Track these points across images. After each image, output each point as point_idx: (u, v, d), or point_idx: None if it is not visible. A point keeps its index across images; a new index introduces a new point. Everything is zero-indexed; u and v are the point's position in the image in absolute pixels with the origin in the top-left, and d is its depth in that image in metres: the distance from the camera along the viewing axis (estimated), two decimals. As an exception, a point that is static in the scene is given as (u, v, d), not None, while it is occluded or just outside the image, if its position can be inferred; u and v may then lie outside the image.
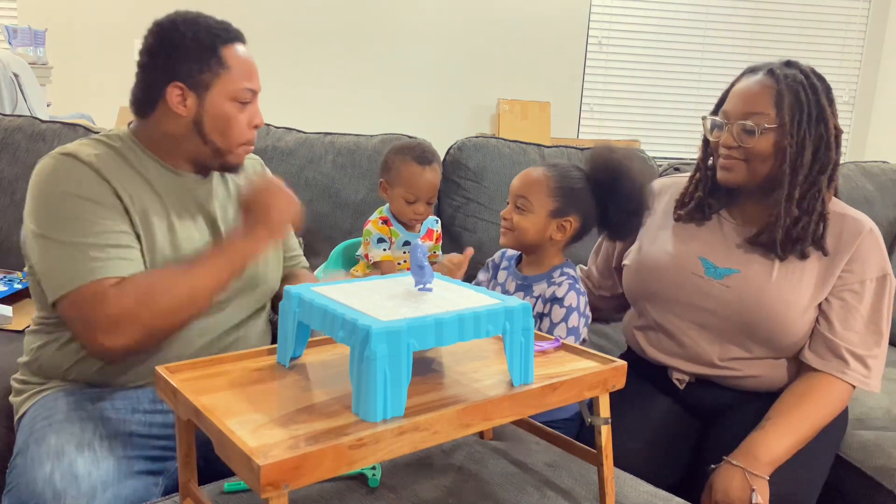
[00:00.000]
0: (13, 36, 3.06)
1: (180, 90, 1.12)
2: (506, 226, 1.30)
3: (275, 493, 0.59)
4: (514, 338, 0.77)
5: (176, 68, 1.11)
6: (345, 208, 1.91)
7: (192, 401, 0.71)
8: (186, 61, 1.11)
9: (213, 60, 1.12)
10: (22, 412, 1.13)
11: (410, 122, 3.19)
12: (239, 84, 1.14)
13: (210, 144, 1.16)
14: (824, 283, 1.21)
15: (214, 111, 1.13)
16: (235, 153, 1.19)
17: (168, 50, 1.12)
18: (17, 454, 1.01)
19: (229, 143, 1.16)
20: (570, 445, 0.95)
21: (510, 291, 1.33)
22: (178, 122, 1.14)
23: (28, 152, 1.82)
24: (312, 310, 0.76)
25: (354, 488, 0.91)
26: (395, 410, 0.68)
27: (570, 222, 1.28)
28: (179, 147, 1.17)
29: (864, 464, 1.31)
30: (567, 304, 1.25)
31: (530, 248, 1.32)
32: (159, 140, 1.17)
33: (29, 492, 0.92)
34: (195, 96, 1.12)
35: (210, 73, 1.12)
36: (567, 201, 1.27)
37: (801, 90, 1.17)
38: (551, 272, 1.30)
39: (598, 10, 4.07)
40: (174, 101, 1.12)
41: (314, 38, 3.85)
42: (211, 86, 1.13)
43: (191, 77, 1.12)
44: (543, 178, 1.28)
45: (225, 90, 1.13)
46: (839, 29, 4.17)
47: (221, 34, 1.14)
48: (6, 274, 1.75)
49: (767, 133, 1.18)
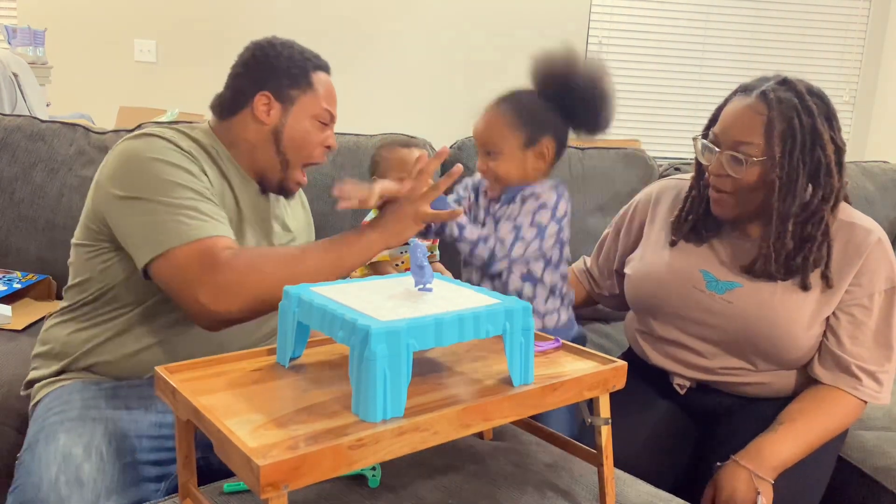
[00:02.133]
0: (13, 35, 3.06)
1: (268, 99, 1.20)
2: (486, 177, 1.24)
3: (274, 494, 0.59)
4: (513, 338, 0.77)
5: (267, 80, 1.20)
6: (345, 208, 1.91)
7: (192, 401, 0.70)
8: (278, 76, 1.20)
9: (303, 80, 1.21)
10: (37, 399, 1.14)
11: (410, 122, 3.18)
12: (322, 105, 1.23)
13: (282, 156, 1.22)
14: (830, 298, 1.19)
15: (295, 125, 1.21)
16: (299, 172, 1.25)
17: (263, 63, 1.21)
18: (26, 448, 1.01)
19: (301, 159, 1.23)
20: (570, 445, 0.95)
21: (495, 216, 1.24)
22: (259, 129, 1.21)
23: (27, 152, 1.82)
24: (312, 310, 0.76)
25: (354, 489, 0.90)
26: (395, 411, 0.68)
27: (545, 145, 1.21)
28: (252, 154, 1.22)
29: (865, 464, 1.31)
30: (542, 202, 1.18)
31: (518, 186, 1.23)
32: (236, 143, 1.22)
33: (33, 494, 0.92)
34: (280, 107, 1.20)
35: (298, 90, 1.21)
36: (533, 127, 1.19)
37: (794, 116, 1.11)
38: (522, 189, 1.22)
39: (598, 10, 4.06)
40: (260, 109, 1.20)
41: (314, 38, 3.85)
42: (296, 101, 1.21)
43: (280, 90, 1.20)
44: (500, 115, 1.20)
45: (308, 108, 1.22)
46: (839, 29, 4.17)
47: (313, 59, 1.24)
48: (5, 274, 1.75)
49: (754, 165, 1.14)
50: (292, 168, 1.24)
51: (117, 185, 1.08)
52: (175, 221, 1.03)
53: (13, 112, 2.57)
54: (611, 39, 4.12)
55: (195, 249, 1.02)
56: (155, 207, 1.04)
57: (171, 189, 1.05)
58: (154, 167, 1.07)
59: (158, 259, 1.03)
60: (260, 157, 1.22)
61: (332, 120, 1.26)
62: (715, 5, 4.10)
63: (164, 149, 1.09)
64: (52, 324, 1.20)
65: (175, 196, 1.05)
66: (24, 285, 1.69)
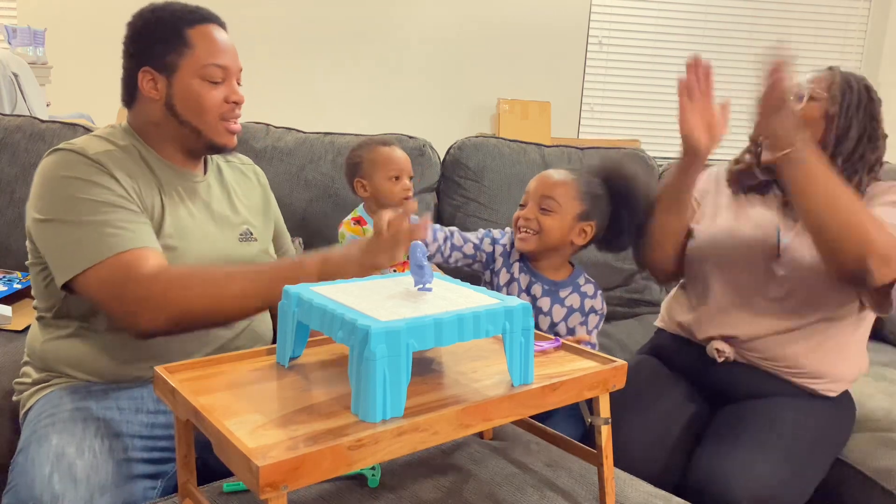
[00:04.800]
0: (12, 35, 3.06)
1: (151, 75, 1.14)
2: (529, 228, 1.27)
3: (274, 494, 0.58)
4: (513, 338, 0.77)
5: (144, 54, 1.14)
6: (345, 208, 1.91)
7: (191, 401, 0.70)
8: (152, 46, 1.13)
9: (178, 42, 1.13)
10: (27, 407, 1.13)
11: (410, 122, 3.19)
12: (205, 61, 1.14)
13: (186, 125, 1.16)
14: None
15: (183, 91, 1.14)
16: (216, 130, 1.17)
17: (136, 38, 1.15)
18: (19, 452, 1.01)
19: (205, 121, 1.16)
20: (570, 445, 0.95)
21: (535, 294, 1.31)
22: (154, 108, 1.15)
23: (27, 152, 1.82)
24: (311, 310, 0.76)
25: (354, 489, 0.90)
26: (395, 411, 0.68)
27: (591, 227, 1.28)
28: (163, 134, 1.17)
29: (864, 465, 1.31)
30: (600, 312, 1.33)
31: (547, 252, 1.31)
32: (147, 130, 1.18)
33: (28, 493, 0.92)
34: (165, 79, 1.14)
35: (175, 53, 1.13)
36: (592, 205, 1.27)
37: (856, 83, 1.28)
38: (575, 279, 1.32)
39: (598, 10, 4.06)
40: (146, 87, 1.14)
41: (314, 37, 3.85)
42: (178, 67, 1.13)
43: (158, 61, 1.13)
44: (570, 181, 1.27)
45: (192, 69, 1.14)
46: (839, 29, 4.17)
47: (186, 16, 1.15)
48: (5, 274, 1.75)
49: (816, 102, 1.27)
50: (207, 132, 1.17)
51: (35, 208, 1.08)
52: (90, 240, 1.03)
53: (13, 112, 2.57)
54: (610, 39, 4.11)
55: (113, 265, 1.02)
56: (70, 229, 1.04)
57: (83, 207, 1.04)
58: (65, 186, 1.05)
59: (78, 278, 1.03)
60: (170, 133, 1.17)
61: (228, 73, 1.16)
62: (715, 5, 4.11)
63: (74, 164, 1.07)
64: (31, 332, 1.20)
65: (88, 214, 1.04)
66: (24, 286, 1.69)
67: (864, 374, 1.41)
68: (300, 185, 1.90)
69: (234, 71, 1.18)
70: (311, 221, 1.89)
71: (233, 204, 1.28)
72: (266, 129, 1.98)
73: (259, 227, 1.31)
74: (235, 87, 1.18)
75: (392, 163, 1.49)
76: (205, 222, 1.21)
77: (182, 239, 1.14)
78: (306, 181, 1.90)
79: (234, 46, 1.19)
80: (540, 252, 1.30)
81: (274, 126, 2.00)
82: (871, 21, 4.16)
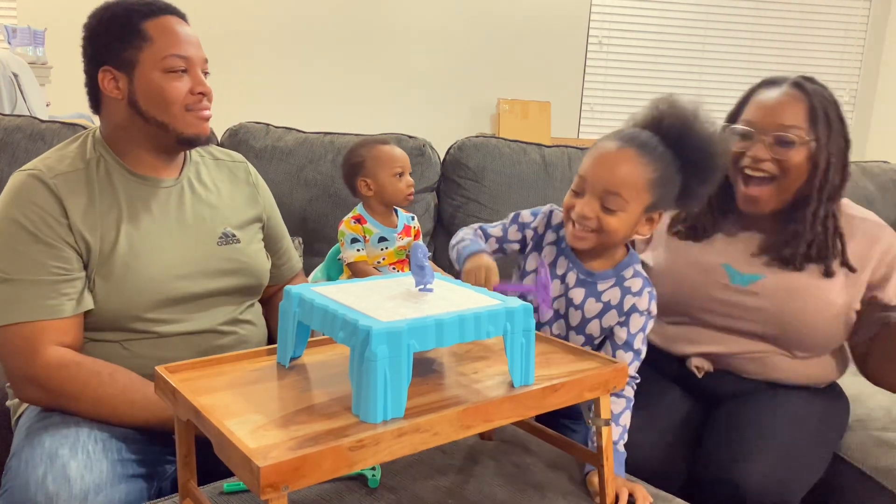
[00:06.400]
0: (12, 36, 3.06)
1: (111, 74, 1.11)
2: (589, 226, 1.02)
3: (274, 495, 0.58)
4: (514, 339, 0.77)
5: (102, 54, 1.11)
6: (345, 208, 1.91)
7: (192, 401, 0.70)
8: (110, 44, 1.11)
9: (134, 36, 1.10)
10: (19, 413, 1.13)
11: (410, 122, 3.19)
12: (164, 52, 1.11)
13: (152, 122, 1.12)
14: (856, 281, 1.23)
15: (145, 86, 1.11)
16: (184, 121, 1.14)
17: (93, 38, 1.12)
18: (12, 455, 1.01)
19: (171, 114, 1.12)
20: (570, 445, 0.95)
21: (568, 283, 1.09)
22: (118, 108, 1.13)
23: (27, 152, 1.82)
24: (313, 310, 0.76)
25: (354, 489, 0.90)
26: (396, 412, 0.68)
27: (659, 215, 1.06)
28: (131, 137, 1.14)
29: (864, 464, 1.31)
30: (645, 311, 1.07)
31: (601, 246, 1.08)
32: (116, 137, 1.15)
33: (22, 494, 0.92)
34: (125, 76, 1.11)
35: (133, 48, 1.10)
36: (663, 193, 1.03)
37: (827, 106, 1.19)
38: (621, 270, 1.07)
39: (598, 10, 4.06)
40: (108, 87, 1.11)
41: (314, 38, 3.85)
42: (137, 62, 1.10)
43: (116, 58, 1.10)
44: (641, 169, 1.00)
45: (151, 62, 1.10)
46: (840, 29, 4.17)
47: (140, 9, 1.12)
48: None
49: (803, 145, 1.18)
50: (175, 125, 1.13)
51: None
52: (7, 299, 1.04)
53: (13, 112, 2.57)
54: (610, 39, 4.11)
55: (15, 332, 1.03)
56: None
57: (17, 261, 1.04)
58: (11, 233, 1.05)
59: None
60: (138, 134, 1.14)
61: (191, 63, 1.13)
62: (715, 5, 4.10)
63: (29, 200, 1.06)
64: None
65: (16, 272, 1.04)
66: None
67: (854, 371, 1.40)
68: (300, 184, 1.90)
69: (197, 61, 1.14)
70: (311, 221, 1.89)
71: (212, 205, 1.24)
72: (266, 128, 1.98)
73: (244, 227, 1.28)
74: (201, 78, 1.15)
75: (395, 160, 1.49)
76: (173, 231, 1.17)
77: (139, 256, 1.11)
78: (306, 181, 1.90)
79: (197, 37, 1.16)
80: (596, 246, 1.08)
81: (274, 126, 2.00)
82: (871, 21, 4.16)
